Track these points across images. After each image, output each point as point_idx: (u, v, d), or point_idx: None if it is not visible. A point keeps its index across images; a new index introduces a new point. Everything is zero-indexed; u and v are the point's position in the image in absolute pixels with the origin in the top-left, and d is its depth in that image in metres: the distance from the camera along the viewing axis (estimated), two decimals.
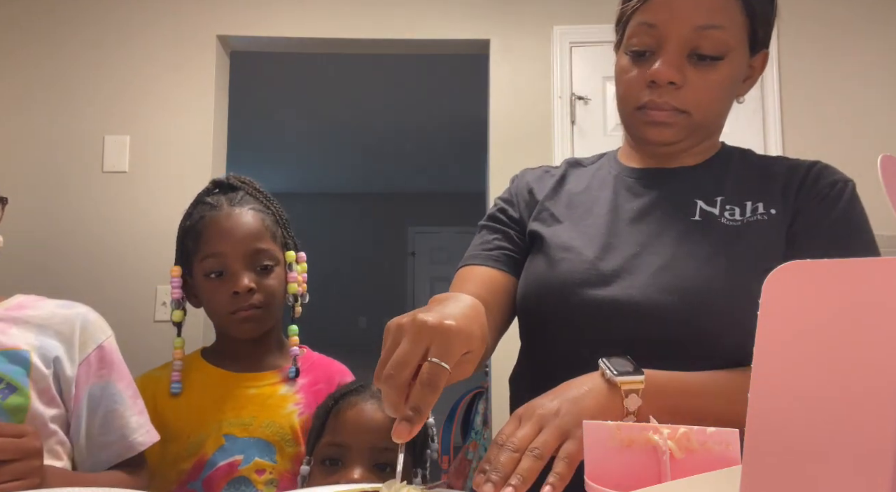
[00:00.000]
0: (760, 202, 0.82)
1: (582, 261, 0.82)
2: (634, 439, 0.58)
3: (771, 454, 0.29)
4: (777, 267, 0.30)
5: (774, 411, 0.29)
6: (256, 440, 0.98)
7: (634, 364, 0.69)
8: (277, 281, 1.04)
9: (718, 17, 0.78)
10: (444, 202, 6.66)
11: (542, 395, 0.68)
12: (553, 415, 0.64)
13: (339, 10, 2.84)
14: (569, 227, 0.87)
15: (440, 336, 0.56)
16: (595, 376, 0.69)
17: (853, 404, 0.27)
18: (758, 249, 0.78)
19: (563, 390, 0.68)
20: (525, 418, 0.64)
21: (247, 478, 0.97)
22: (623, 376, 0.67)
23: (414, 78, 4.12)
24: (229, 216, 1.02)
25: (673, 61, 0.79)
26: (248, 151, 5.45)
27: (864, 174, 2.86)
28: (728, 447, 0.56)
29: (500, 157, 2.76)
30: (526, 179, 0.97)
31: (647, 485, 0.47)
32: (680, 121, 0.82)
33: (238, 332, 1.03)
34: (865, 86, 2.75)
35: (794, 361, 0.29)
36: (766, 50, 0.87)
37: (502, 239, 0.92)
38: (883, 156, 0.35)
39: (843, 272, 0.28)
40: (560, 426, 0.63)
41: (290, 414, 1.01)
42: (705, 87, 0.80)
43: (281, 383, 1.04)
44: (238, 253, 1.00)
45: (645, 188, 0.87)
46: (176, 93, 2.76)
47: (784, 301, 0.29)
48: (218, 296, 1.01)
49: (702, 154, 0.89)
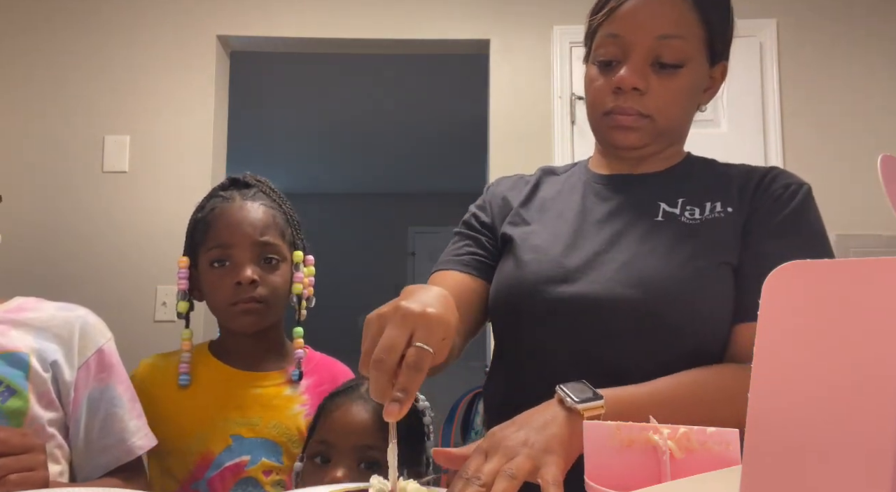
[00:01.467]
0: (718, 202, 0.86)
1: (549, 260, 0.87)
2: (634, 439, 0.58)
3: (771, 454, 0.29)
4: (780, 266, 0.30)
5: (774, 411, 0.29)
6: (264, 441, 0.99)
7: (592, 389, 0.70)
8: (282, 278, 1.04)
9: (678, 28, 0.84)
10: (444, 202, 6.63)
11: (504, 425, 0.67)
12: (521, 445, 0.62)
13: (339, 10, 2.84)
14: (538, 229, 0.92)
15: (423, 322, 0.59)
16: (553, 405, 0.69)
17: (853, 403, 0.27)
18: (714, 243, 0.83)
19: (525, 420, 0.67)
20: (491, 451, 0.63)
21: (254, 478, 0.97)
22: (584, 403, 0.67)
23: (414, 78, 4.12)
24: (240, 208, 1.03)
25: (637, 69, 0.84)
26: (249, 151, 5.45)
27: (863, 174, 2.87)
28: (728, 447, 0.56)
29: (500, 157, 2.76)
30: (500, 188, 1.02)
31: (647, 485, 0.47)
32: (644, 125, 0.86)
33: (237, 325, 1.02)
34: (865, 86, 2.75)
35: (794, 361, 0.29)
36: (725, 62, 0.92)
37: (473, 245, 0.96)
38: (883, 156, 0.35)
39: (843, 272, 0.28)
40: (531, 455, 0.61)
41: (297, 415, 1.02)
42: (667, 93, 0.85)
43: (286, 385, 1.05)
44: (244, 244, 1.01)
45: (612, 193, 0.92)
46: (176, 93, 2.76)
47: (784, 301, 0.29)
48: (220, 286, 1.01)
49: (666, 161, 0.93)
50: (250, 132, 4.99)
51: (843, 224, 2.66)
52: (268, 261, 1.02)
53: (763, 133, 2.70)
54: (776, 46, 2.74)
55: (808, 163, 2.70)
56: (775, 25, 2.75)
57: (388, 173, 6.39)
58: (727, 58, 0.92)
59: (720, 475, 0.48)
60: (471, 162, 5.02)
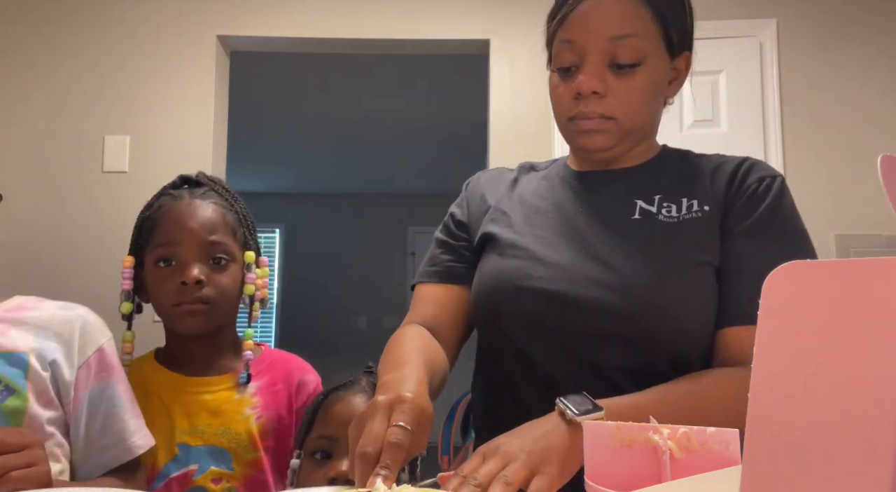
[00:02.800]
0: (695, 200, 0.86)
1: (528, 257, 0.87)
2: (634, 439, 0.58)
3: (771, 454, 0.29)
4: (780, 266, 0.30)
5: (774, 411, 0.29)
6: (211, 448, 0.96)
7: (592, 400, 0.70)
8: (231, 279, 1.00)
9: (631, 26, 0.83)
10: (445, 202, 6.61)
11: (504, 435, 0.67)
12: (519, 451, 0.63)
13: (339, 10, 2.84)
14: (518, 227, 0.92)
15: (399, 406, 0.64)
16: (554, 417, 0.69)
17: (853, 403, 0.27)
18: (692, 243, 0.83)
19: (525, 430, 0.68)
20: (489, 454, 0.64)
21: (203, 488, 0.95)
22: (584, 415, 0.67)
23: (414, 78, 4.12)
24: (188, 206, 1.00)
25: (594, 72, 0.84)
26: (248, 150, 5.45)
27: (863, 174, 2.86)
28: (728, 447, 0.56)
29: (500, 157, 2.76)
30: (479, 184, 1.03)
31: (647, 485, 0.47)
32: (609, 127, 0.86)
33: (182, 326, 0.99)
34: (865, 85, 2.75)
35: (794, 361, 0.29)
36: (687, 52, 0.92)
37: (448, 253, 0.98)
38: (883, 156, 0.35)
39: (843, 272, 0.28)
40: (528, 462, 0.62)
41: (247, 419, 0.99)
42: (627, 92, 0.85)
43: (234, 388, 1.01)
44: (191, 243, 0.97)
45: (589, 189, 0.93)
46: (176, 93, 2.76)
47: (784, 301, 0.29)
48: (165, 286, 0.98)
49: (640, 156, 0.93)
50: (250, 132, 4.99)
51: (843, 224, 2.66)
52: (216, 261, 0.99)
53: (763, 133, 2.70)
54: (776, 46, 2.74)
55: (808, 163, 2.71)
56: (775, 25, 2.75)
57: (388, 173, 6.39)
58: (689, 48, 0.92)
59: (720, 475, 0.48)
60: (471, 162, 5.01)
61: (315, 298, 6.68)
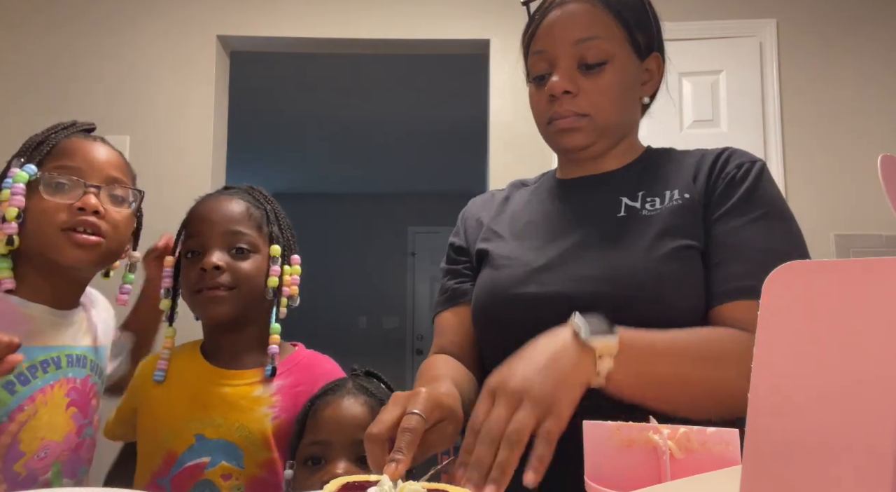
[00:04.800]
0: (676, 190, 0.89)
1: (521, 265, 0.90)
2: (634, 439, 0.58)
3: (771, 454, 0.29)
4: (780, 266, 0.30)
5: (774, 410, 0.29)
6: (226, 443, 0.96)
7: (608, 323, 0.69)
8: (253, 267, 1.01)
9: (593, 30, 0.89)
10: (444, 202, 6.64)
11: (512, 360, 0.68)
12: (526, 389, 0.62)
13: (339, 10, 2.84)
14: (510, 240, 0.96)
15: (413, 397, 0.66)
16: (565, 334, 0.68)
17: (853, 403, 0.27)
18: (674, 227, 0.85)
19: (533, 352, 0.67)
20: (499, 393, 0.64)
21: (212, 482, 0.94)
22: (596, 336, 0.67)
23: (414, 78, 4.13)
24: (215, 202, 1.05)
25: (564, 74, 0.89)
26: (249, 150, 5.45)
27: (863, 174, 2.86)
28: (728, 447, 0.56)
29: (500, 156, 2.76)
30: (473, 209, 1.08)
31: (647, 485, 0.47)
32: (584, 124, 0.90)
33: (207, 314, 1.00)
34: (865, 85, 2.75)
35: (794, 361, 0.29)
36: (657, 53, 0.95)
37: (454, 277, 1.02)
38: (883, 156, 0.35)
39: (843, 272, 0.28)
40: (536, 403, 0.61)
41: (263, 418, 0.98)
42: (597, 90, 0.89)
43: (258, 384, 1.01)
44: (214, 233, 1.01)
45: (576, 195, 0.96)
46: (176, 93, 2.76)
47: (784, 301, 0.29)
48: (188, 274, 1.01)
49: (623, 157, 0.96)
50: (250, 132, 5.00)
51: (843, 224, 2.66)
52: (238, 251, 1.01)
53: (763, 133, 2.70)
54: (776, 46, 2.74)
55: (808, 163, 2.71)
56: (775, 25, 2.75)
57: (388, 173, 6.39)
58: (659, 50, 0.96)
59: (720, 475, 0.48)
60: (471, 162, 5.02)
61: (315, 298, 6.68)
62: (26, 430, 0.87)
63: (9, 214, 0.89)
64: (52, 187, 0.91)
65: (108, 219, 0.94)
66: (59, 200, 0.91)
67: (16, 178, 0.90)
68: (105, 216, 0.93)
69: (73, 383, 0.93)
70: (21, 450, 0.87)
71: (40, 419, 0.88)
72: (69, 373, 0.93)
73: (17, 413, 0.87)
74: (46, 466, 0.89)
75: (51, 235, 0.90)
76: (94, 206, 0.92)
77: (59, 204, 0.91)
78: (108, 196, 0.95)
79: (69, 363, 0.93)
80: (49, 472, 0.89)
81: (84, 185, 0.92)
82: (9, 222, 0.89)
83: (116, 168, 0.98)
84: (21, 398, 0.87)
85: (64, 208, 0.91)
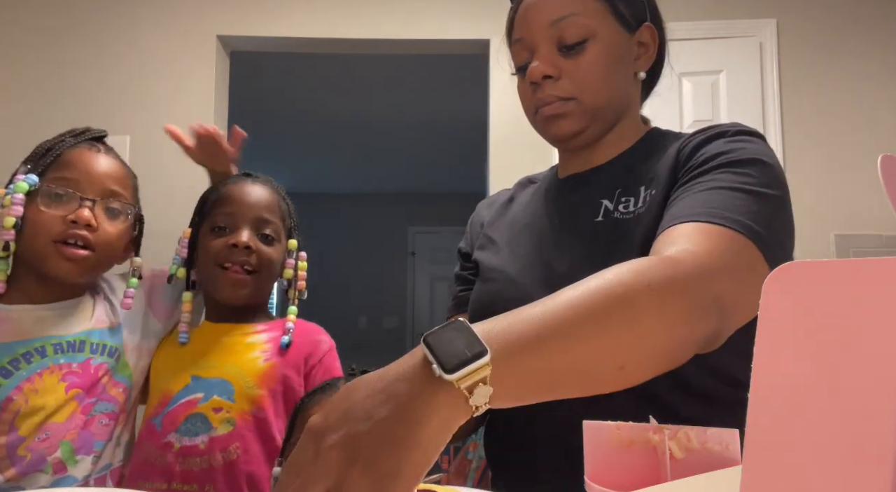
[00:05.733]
0: (652, 188, 0.80)
1: (505, 279, 0.87)
2: (634, 439, 0.58)
3: (771, 454, 0.29)
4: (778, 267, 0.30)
5: (774, 411, 0.29)
6: (218, 380, 1.01)
7: (469, 334, 0.47)
8: (276, 253, 1.08)
9: (569, 6, 0.83)
10: (444, 202, 6.66)
11: (346, 393, 0.48)
12: (342, 464, 0.44)
13: (339, 10, 2.84)
14: (502, 249, 0.92)
15: None
16: (417, 372, 0.46)
17: (853, 403, 0.27)
18: (639, 244, 0.76)
19: (363, 395, 0.46)
20: (312, 458, 0.45)
21: (203, 415, 0.99)
22: (458, 369, 0.45)
23: (414, 78, 4.13)
24: (250, 186, 1.11)
25: (543, 58, 0.83)
26: (249, 150, 5.44)
27: (863, 174, 2.86)
28: (728, 447, 0.56)
29: (500, 157, 2.76)
30: (479, 212, 1.05)
31: (647, 485, 0.47)
32: (571, 108, 0.84)
33: (223, 290, 1.05)
34: (865, 85, 2.75)
35: (794, 361, 0.29)
36: (648, 24, 0.87)
37: (460, 282, 1.01)
38: (883, 156, 0.35)
39: (843, 272, 0.28)
40: (369, 470, 0.43)
41: (254, 360, 1.04)
42: (581, 70, 0.83)
43: (252, 334, 1.08)
44: (248, 214, 1.06)
45: (564, 197, 0.91)
46: (176, 93, 2.76)
47: (784, 301, 0.29)
48: (215, 247, 1.05)
49: (620, 142, 0.89)
50: (250, 132, 4.98)
51: (843, 224, 2.66)
52: (264, 237, 1.07)
53: (763, 133, 2.70)
54: (776, 46, 2.74)
55: (808, 163, 2.71)
56: (775, 25, 2.75)
57: (388, 173, 6.39)
58: (651, 19, 0.87)
59: (720, 475, 0.48)
60: (471, 162, 5.02)
61: (315, 298, 6.66)
62: (21, 417, 0.91)
63: (6, 223, 0.94)
64: (49, 198, 0.96)
65: (101, 232, 0.98)
66: (55, 212, 0.95)
67: (16, 187, 0.95)
68: (97, 229, 0.97)
69: (67, 368, 0.96)
70: (20, 435, 0.91)
71: (33, 405, 0.92)
72: (59, 359, 0.96)
73: (7, 403, 0.91)
74: (52, 446, 0.92)
75: (43, 246, 0.95)
76: (86, 219, 0.95)
77: (55, 216, 0.95)
78: (103, 209, 0.99)
79: (56, 350, 0.96)
80: (57, 451, 0.93)
81: (80, 198, 0.96)
82: (6, 230, 0.94)
83: (115, 181, 1.02)
84: (7, 390, 0.91)
85: (58, 220, 0.95)
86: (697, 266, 0.60)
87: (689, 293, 0.58)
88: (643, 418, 0.59)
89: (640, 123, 0.92)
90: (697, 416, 0.67)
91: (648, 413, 0.60)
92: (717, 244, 0.64)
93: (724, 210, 0.67)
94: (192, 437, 0.97)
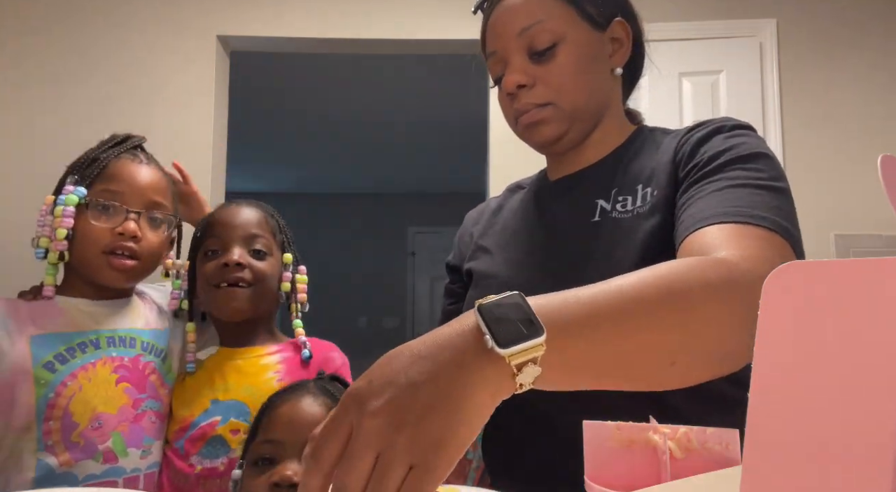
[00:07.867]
0: (650, 187, 0.81)
1: (499, 284, 0.86)
2: (634, 439, 0.58)
3: (771, 454, 0.29)
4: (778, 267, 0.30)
5: (774, 411, 0.29)
6: (235, 402, 1.04)
7: (528, 310, 0.47)
8: (269, 267, 1.10)
9: (534, 15, 0.83)
10: (444, 202, 6.66)
11: (391, 358, 0.46)
12: (392, 428, 0.42)
13: (340, 10, 2.84)
14: (494, 256, 0.92)
15: None
16: (468, 341, 0.45)
17: (853, 403, 0.27)
18: (645, 241, 0.76)
19: (412, 361, 0.45)
20: (358, 416, 0.43)
21: (222, 437, 1.01)
22: (512, 345, 0.44)
23: (414, 78, 4.13)
24: (235, 208, 1.15)
25: (515, 68, 0.85)
26: (249, 150, 5.45)
27: (863, 174, 2.86)
28: (728, 447, 0.56)
29: (500, 157, 2.76)
30: (467, 225, 1.05)
31: (647, 485, 0.47)
32: (549, 113, 0.85)
33: (223, 307, 1.07)
34: (865, 86, 2.75)
35: (794, 361, 0.29)
36: (618, 18, 0.87)
37: (448, 296, 1.02)
38: (883, 156, 0.35)
39: (843, 272, 0.28)
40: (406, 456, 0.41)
41: (269, 380, 1.06)
42: (553, 74, 0.83)
43: (265, 356, 1.10)
44: (236, 234, 1.09)
45: (556, 199, 0.91)
46: (176, 93, 2.76)
47: (784, 301, 0.29)
48: (209, 269, 1.08)
49: (606, 143, 0.89)
50: (250, 132, 5.00)
51: (843, 224, 2.66)
52: (256, 252, 1.10)
53: (763, 133, 2.70)
54: (776, 46, 2.74)
55: (808, 163, 2.71)
56: (775, 25, 2.75)
57: (388, 173, 6.39)
58: (622, 13, 0.88)
59: (720, 475, 0.48)
60: (471, 162, 5.02)
61: (315, 298, 6.66)
62: (75, 402, 0.96)
63: (59, 235, 1.02)
64: (97, 211, 1.03)
65: (145, 242, 1.05)
66: (103, 225, 1.02)
67: (67, 200, 1.03)
68: (142, 240, 1.04)
69: (119, 362, 1.01)
70: (74, 420, 0.95)
71: (87, 393, 0.97)
72: (112, 352, 1.01)
73: (62, 388, 0.96)
74: (104, 435, 0.97)
75: (93, 257, 1.02)
76: (132, 231, 1.03)
77: (103, 228, 1.02)
78: (147, 220, 1.06)
79: (109, 344, 1.01)
80: (109, 440, 0.97)
81: (126, 211, 1.04)
82: (59, 241, 1.02)
83: (157, 191, 1.09)
84: (63, 375, 0.96)
85: (107, 232, 1.02)
86: (752, 271, 0.58)
87: (749, 298, 0.54)
88: (643, 418, 0.60)
89: (625, 119, 0.93)
90: (697, 415, 0.66)
91: (648, 413, 0.60)
92: (760, 246, 0.63)
93: (751, 208, 0.67)
94: (213, 459, 1.00)
